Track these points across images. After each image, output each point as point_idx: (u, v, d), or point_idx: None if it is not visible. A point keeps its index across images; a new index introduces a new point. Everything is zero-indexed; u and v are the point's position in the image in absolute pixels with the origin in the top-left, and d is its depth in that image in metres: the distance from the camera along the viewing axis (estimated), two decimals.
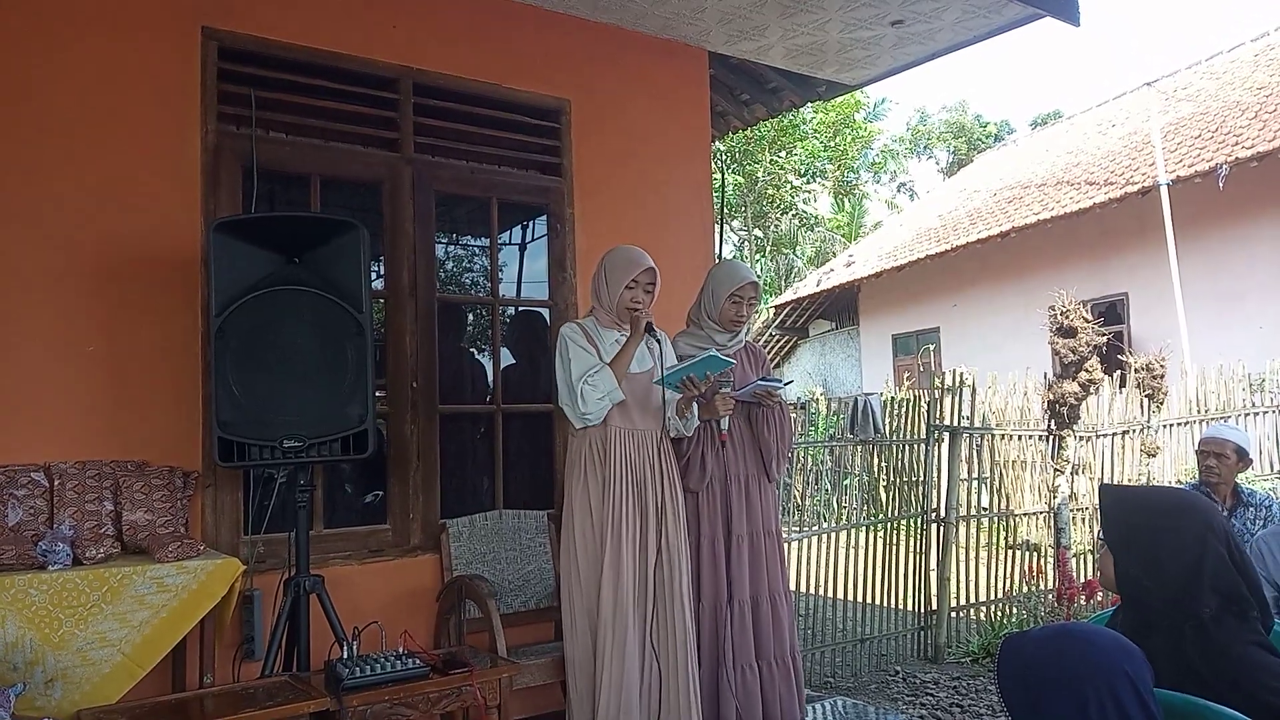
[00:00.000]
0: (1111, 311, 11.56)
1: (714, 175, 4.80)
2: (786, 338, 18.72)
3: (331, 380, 3.00)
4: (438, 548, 3.62)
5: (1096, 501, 2.22)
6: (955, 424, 5.75)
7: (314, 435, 2.96)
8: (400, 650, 2.78)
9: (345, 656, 2.75)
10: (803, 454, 5.93)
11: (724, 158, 16.94)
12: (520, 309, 4.34)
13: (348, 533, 3.55)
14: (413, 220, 3.73)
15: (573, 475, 3.21)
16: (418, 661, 2.74)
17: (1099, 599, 5.30)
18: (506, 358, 4.18)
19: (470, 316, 4.30)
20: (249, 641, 3.16)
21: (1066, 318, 5.95)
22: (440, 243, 4.11)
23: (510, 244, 4.34)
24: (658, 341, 3.23)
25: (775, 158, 19.29)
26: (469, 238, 4.37)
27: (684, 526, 3.25)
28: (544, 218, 4.15)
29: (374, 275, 3.67)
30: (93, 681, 2.54)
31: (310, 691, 2.63)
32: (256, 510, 3.28)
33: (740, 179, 19.01)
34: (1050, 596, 5.54)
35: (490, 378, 4.02)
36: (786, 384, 3.72)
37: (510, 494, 3.90)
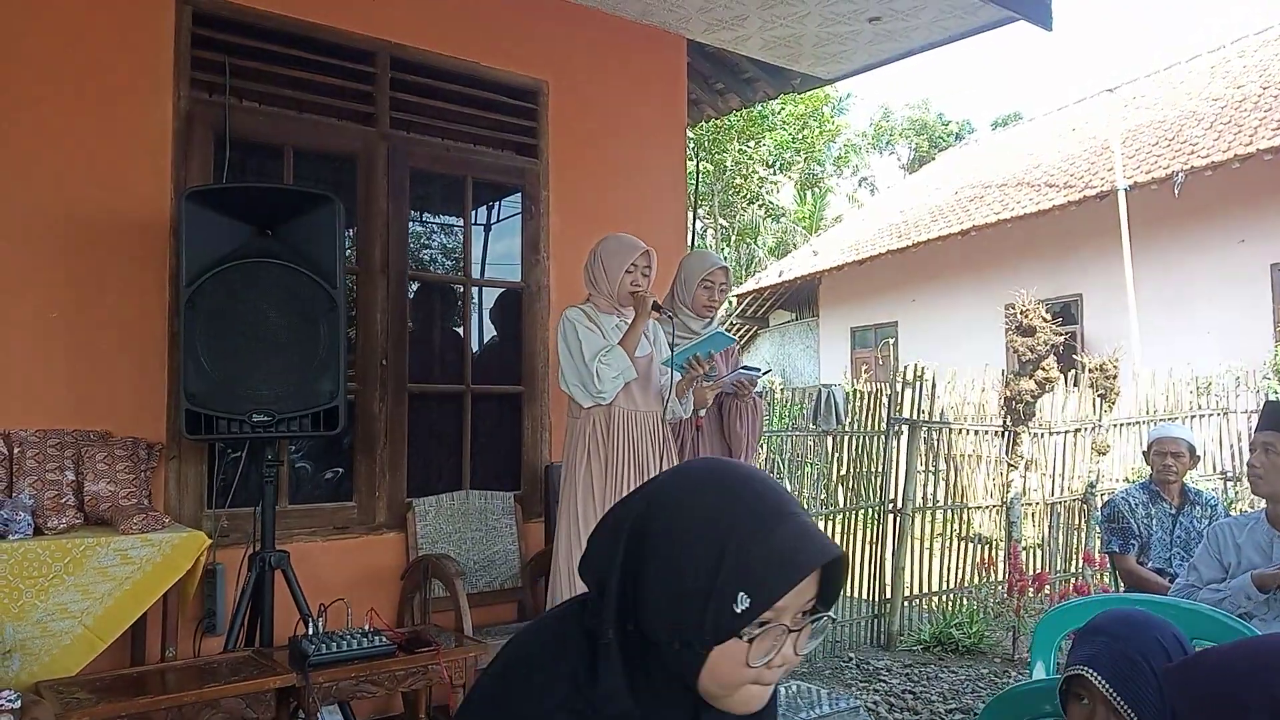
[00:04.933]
0: (1066, 312, 11.79)
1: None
2: (747, 327, 18.83)
3: (303, 355, 2.97)
4: (403, 526, 3.61)
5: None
6: (915, 417, 5.84)
7: (283, 410, 2.93)
8: (366, 628, 2.77)
9: (310, 633, 2.73)
10: (763, 443, 5.98)
11: (694, 146, 16.95)
12: (493, 290, 4.32)
13: (313, 509, 3.53)
14: (387, 196, 3.69)
15: (574, 457, 3.17)
16: (384, 639, 2.74)
17: (1047, 591, 5.44)
18: (477, 338, 4.17)
19: (442, 296, 4.27)
20: (210, 616, 3.13)
21: (1026, 317, 6.07)
22: (413, 220, 4.07)
23: (483, 224, 4.32)
24: (670, 319, 3.22)
25: (744, 147, 19.32)
26: (443, 216, 4.34)
27: None
28: (518, 198, 4.13)
29: (345, 250, 3.63)
30: (52, 653, 2.50)
31: (275, 667, 2.62)
32: (221, 484, 3.24)
33: (709, 167, 19.02)
34: (1001, 588, 5.66)
35: (461, 357, 4.00)
36: (765, 373, 3.75)
37: (478, 474, 3.90)
